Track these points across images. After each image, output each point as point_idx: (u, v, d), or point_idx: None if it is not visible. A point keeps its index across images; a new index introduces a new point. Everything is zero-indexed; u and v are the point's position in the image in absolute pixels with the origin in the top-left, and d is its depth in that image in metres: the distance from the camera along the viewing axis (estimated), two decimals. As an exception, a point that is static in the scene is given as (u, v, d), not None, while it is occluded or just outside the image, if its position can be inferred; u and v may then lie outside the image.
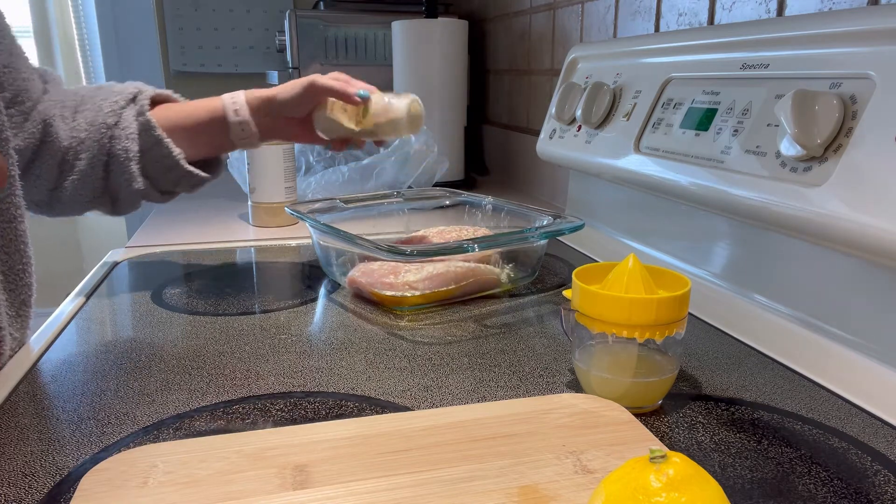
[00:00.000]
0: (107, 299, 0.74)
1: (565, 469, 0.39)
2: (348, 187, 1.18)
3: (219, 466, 0.39)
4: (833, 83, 0.54)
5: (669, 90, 0.76)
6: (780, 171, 0.56)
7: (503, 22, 1.45)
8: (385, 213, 0.92)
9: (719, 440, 0.45)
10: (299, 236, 0.99)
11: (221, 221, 1.11)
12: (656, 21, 0.89)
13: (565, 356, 0.59)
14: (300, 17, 1.49)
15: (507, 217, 0.87)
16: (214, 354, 0.59)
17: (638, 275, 0.47)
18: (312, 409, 0.50)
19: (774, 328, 0.60)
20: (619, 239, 0.88)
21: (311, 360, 0.58)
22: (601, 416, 0.45)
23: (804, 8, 0.65)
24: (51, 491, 0.40)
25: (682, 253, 0.75)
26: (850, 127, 0.51)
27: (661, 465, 0.29)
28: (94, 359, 0.58)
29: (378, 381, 0.54)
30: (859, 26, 0.53)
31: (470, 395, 0.52)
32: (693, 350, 0.60)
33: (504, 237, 0.75)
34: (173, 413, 0.49)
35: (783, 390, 0.52)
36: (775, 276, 0.62)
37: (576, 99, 0.92)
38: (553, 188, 1.24)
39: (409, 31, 1.30)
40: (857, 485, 0.40)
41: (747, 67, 0.64)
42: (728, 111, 0.65)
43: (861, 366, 0.52)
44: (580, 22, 1.10)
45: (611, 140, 0.83)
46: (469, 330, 0.65)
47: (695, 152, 0.68)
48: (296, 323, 0.67)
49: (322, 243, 0.79)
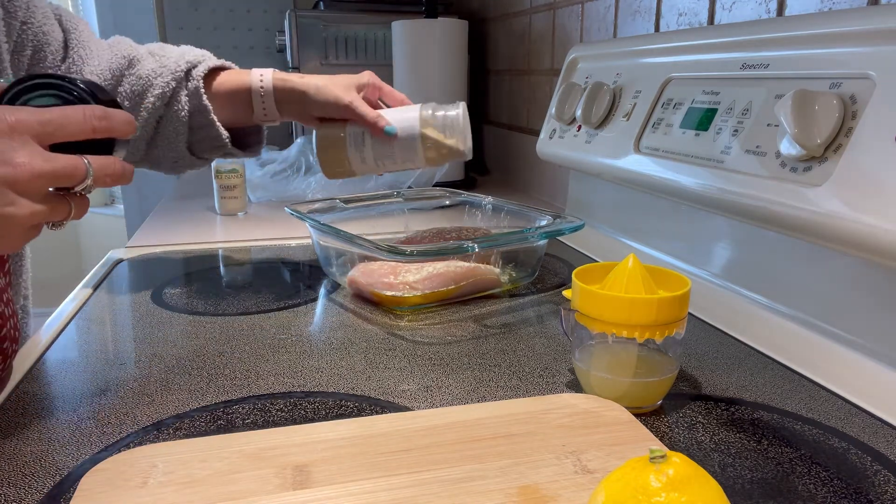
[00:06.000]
0: (107, 299, 0.74)
1: (565, 469, 0.39)
2: (348, 187, 1.19)
3: (219, 466, 0.39)
4: (833, 83, 0.54)
5: (669, 90, 0.76)
6: (780, 171, 0.56)
7: (503, 22, 1.45)
8: (385, 213, 0.92)
9: (719, 440, 0.45)
10: (299, 236, 0.99)
11: (222, 221, 1.11)
12: (656, 21, 0.89)
13: (565, 356, 0.59)
14: (300, 17, 1.49)
15: (507, 217, 0.87)
16: (214, 354, 0.59)
17: (638, 275, 0.47)
18: (312, 409, 0.49)
19: (774, 328, 0.60)
20: (619, 239, 0.88)
21: (311, 360, 0.58)
22: (601, 416, 0.45)
23: (804, 8, 0.65)
24: (51, 491, 0.40)
25: (682, 253, 0.75)
26: (850, 127, 0.51)
27: (661, 465, 0.29)
28: (94, 359, 0.58)
29: (378, 381, 0.54)
30: (859, 26, 0.53)
31: (470, 395, 0.52)
32: (693, 350, 0.60)
33: (504, 237, 0.75)
34: (173, 413, 0.49)
35: (783, 390, 0.52)
36: (775, 276, 0.62)
37: (576, 99, 0.92)
38: (553, 188, 1.24)
39: (409, 31, 1.30)
40: (857, 485, 0.40)
41: (747, 67, 0.64)
42: (728, 111, 0.65)
43: (861, 366, 0.52)
44: (580, 22, 1.10)
45: (611, 140, 0.83)
46: (469, 330, 0.65)
47: (695, 152, 0.67)
48: (296, 323, 0.66)
49: (322, 243, 0.79)
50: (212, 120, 0.74)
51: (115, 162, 0.47)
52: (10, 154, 0.41)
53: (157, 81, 0.73)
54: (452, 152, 0.76)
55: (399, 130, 0.74)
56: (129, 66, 0.73)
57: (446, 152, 0.75)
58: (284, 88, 0.75)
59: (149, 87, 0.73)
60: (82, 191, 0.46)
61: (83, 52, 0.70)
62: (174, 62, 0.74)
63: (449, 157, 0.76)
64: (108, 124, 0.46)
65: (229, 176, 1.12)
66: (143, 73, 0.73)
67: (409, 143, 0.74)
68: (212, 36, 1.93)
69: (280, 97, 0.76)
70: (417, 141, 0.74)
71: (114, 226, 2.87)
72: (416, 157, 0.75)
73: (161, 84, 0.73)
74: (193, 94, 0.74)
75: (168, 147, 0.76)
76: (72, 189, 0.45)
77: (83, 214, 0.47)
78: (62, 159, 0.44)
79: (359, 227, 0.76)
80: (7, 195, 0.41)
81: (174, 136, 0.75)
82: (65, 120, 0.44)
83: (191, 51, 0.77)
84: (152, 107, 0.73)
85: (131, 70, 0.73)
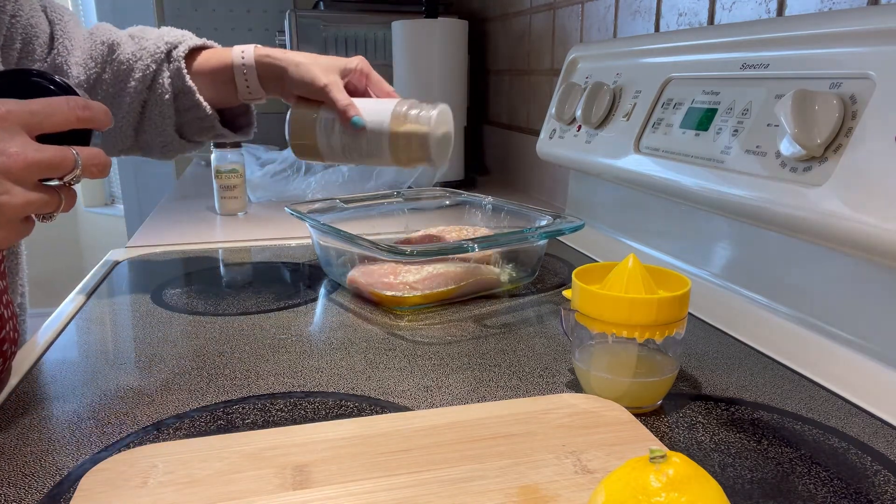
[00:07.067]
0: (107, 299, 0.74)
1: (565, 469, 0.39)
2: (348, 187, 1.19)
3: (219, 466, 0.39)
4: (833, 83, 0.54)
5: (669, 90, 0.76)
6: (780, 171, 0.56)
7: (503, 22, 1.45)
8: (385, 213, 0.92)
9: (719, 440, 0.45)
10: (299, 236, 0.99)
11: (222, 221, 1.11)
12: (656, 21, 0.89)
13: (565, 356, 0.59)
14: (300, 17, 1.49)
15: (507, 217, 0.87)
16: (214, 354, 0.59)
17: (638, 275, 0.47)
18: (312, 409, 0.49)
19: (774, 328, 0.60)
20: (619, 239, 0.88)
21: (311, 360, 0.58)
22: (601, 416, 0.45)
23: (804, 8, 0.65)
24: (51, 491, 0.40)
25: (682, 253, 0.75)
26: (850, 127, 0.51)
27: (661, 465, 0.29)
28: (94, 359, 0.58)
29: (378, 381, 0.54)
30: (859, 26, 0.53)
31: (470, 395, 0.52)
32: (693, 350, 0.60)
33: (504, 237, 0.75)
34: (173, 413, 0.49)
35: (783, 390, 0.52)
36: (775, 276, 0.62)
37: (576, 99, 0.92)
38: (553, 188, 1.24)
39: (409, 31, 1.30)
40: (857, 485, 0.40)
41: (747, 67, 0.64)
42: (728, 111, 0.65)
43: (861, 366, 0.52)
44: (580, 22, 1.10)
45: (611, 140, 0.83)
46: (469, 330, 0.65)
47: (695, 152, 0.67)
48: (296, 323, 0.66)
49: (322, 243, 0.79)
50: (198, 101, 0.74)
51: (100, 153, 0.48)
52: (3, 144, 0.42)
53: (137, 65, 0.72)
54: (423, 156, 0.70)
55: (368, 123, 0.70)
56: (110, 51, 0.72)
57: (416, 156, 0.70)
58: (265, 63, 0.75)
59: (130, 72, 0.72)
60: (70, 181, 0.47)
61: (68, 44, 0.70)
62: (153, 44, 0.74)
63: (419, 160, 0.71)
64: (91, 114, 0.47)
65: (229, 176, 1.12)
66: (123, 57, 0.72)
67: (377, 138, 0.70)
68: (212, 36, 1.92)
69: (262, 73, 0.75)
70: (385, 137, 0.70)
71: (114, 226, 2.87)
72: (383, 154, 0.71)
73: (141, 67, 0.72)
74: (176, 76, 0.73)
75: (156, 131, 0.76)
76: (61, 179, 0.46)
77: (72, 206, 0.48)
78: (52, 149, 0.45)
79: (359, 227, 0.76)
80: (2, 184, 0.42)
81: (160, 119, 0.74)
82: (50, 110, 0.45)
83: (170, 32, 0.76)
84: (134, 91, 0.72)
85: (112, 56, 0.72)
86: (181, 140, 0.78)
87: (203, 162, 1.73)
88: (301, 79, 0.73)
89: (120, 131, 0.74)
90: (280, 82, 0.75)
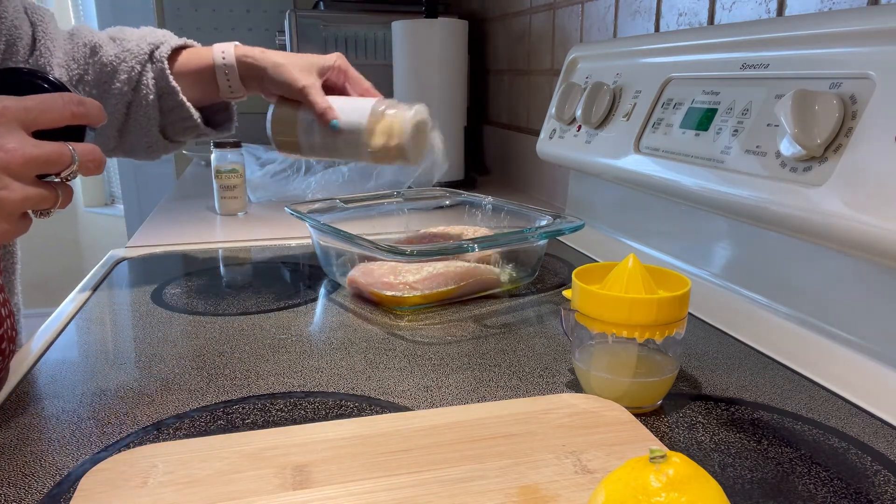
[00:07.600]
0: (107, 299, 0.74)
1: (565, 469, 0.39)
2: (348, 187, 1.19)
3: (219, 466, 0.39)
4: (833, 83, 0.54)
5: (669, 90, 0.76)
6: (780, 171, 0.56)
7: (503, 22, 1.45)
8: (385, 213, 0.92)
9: (719, 440, 0.45)
10: (299, 236, 0.99)
11: (222, 221, 1.11)
12: (656, 21, 0.89)
13: (565, 356, 0.59)
14: (300, 17, 1.49)
15: (507, 217, 0.87)
16: (214, 354, 0.59)
17: (638, 275, 0.47)
18: (312, 409, 0.49)
19: (774, 328, 0.60)
20: (619, 239, 0.88)
21: (311, 360, 0.58)
22: (601, 416, 0.45)
23: (804, 8, 0.65)
24: (51, 491, 0.40)
25: (682, 253, 0.75)
26: (850, 127, 0.51)
27: (661, 465, 0.29)
28: (95, 359, 0.58)
29: (378, 381, 0.54)
30: (859, 26, 0.53)
31: (470, 395, 0.52)
32: (693, 350, 0.60)
33: (504, 237, 0.75)
34: (173, 413, 0.49)
35: (783, 390, 0.52)
36: (775, 276, 0.62)
37: (576, 99, 0.92)
38: (553, 188, 1.24)
39: (409, 31, 1.30)
40: (857, 485, 0.40)
41: (747, 67, 0.64)
42: (728, 111, 0.65)
43: (861, 366, 0.52)
44: (580, 22, 1.10)
45: (611, 140, 0.83)
46: (469, 330, 0.65)
47: (695, 152, 0.68)
48: (296, 323, 0.66)
49: (322, 243, 0.79)
50: (181, 101, 0.74)
51: (95, 149, 0.48)
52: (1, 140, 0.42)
53: (121, 66, 0.72)
54: (399, 154, 0.73)
55: (345, 124, 0.72)
56: (92, 53, 0.72)
57: (394, 154, 0.73)
58: (245, 64, 0.75)
59: (114, 73, 0.72)
60: (68, 177, 0.47)
61: (50, 45, 0.70)
62: (136, 45, 0.74)
63: (396, 158, 0.74)
64: (85, 110, 0.47)
65: (229, 176, 1.12)
66: (105, 59, 0.72)
67: (354, 137, 0.73)
68: (212, 36, 1.93)
69: (242, 72, 0.76)
70: (362, 136, 0.73)
71: (114, 226, 2.87)
72: (361, 152, 0.74)
73: (126, 69, 0.72)
74: (160, 76, 0.74)
75: (141, 132, 0.76)
76: (58, 175, 0.47)
77: (69, 202, 0.48)
78: (49, 145, 0.45)
79: (359, 227, 0.76)
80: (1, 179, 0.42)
81: (146, 120, 0.75)
82: (45, 106, 0.46)
83: (151, 32, 0.77)
84: (119, 92, 0.73)
85: (94, 58, 0.72)
86: (165, 140, 0.78)
87: (203, 162, 1.73)
88: (280, 80, 0.74)
89: (103, 134, 0.74)
90: (260, 81, 0.76)
